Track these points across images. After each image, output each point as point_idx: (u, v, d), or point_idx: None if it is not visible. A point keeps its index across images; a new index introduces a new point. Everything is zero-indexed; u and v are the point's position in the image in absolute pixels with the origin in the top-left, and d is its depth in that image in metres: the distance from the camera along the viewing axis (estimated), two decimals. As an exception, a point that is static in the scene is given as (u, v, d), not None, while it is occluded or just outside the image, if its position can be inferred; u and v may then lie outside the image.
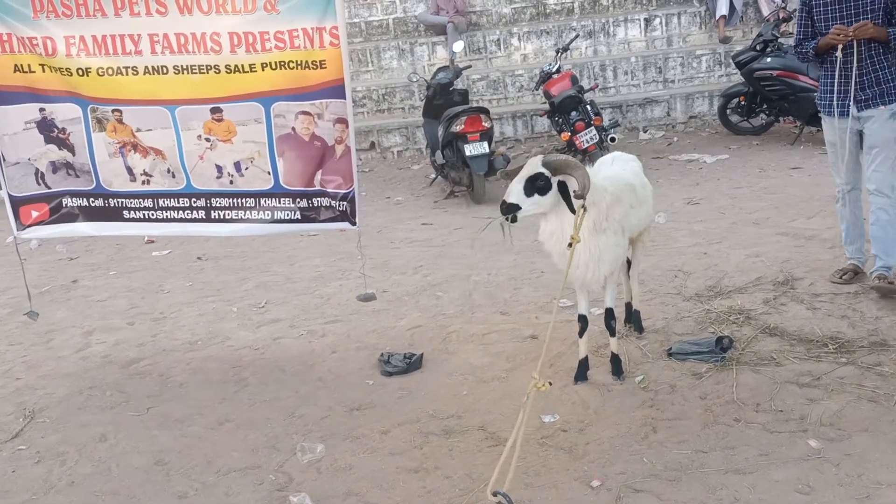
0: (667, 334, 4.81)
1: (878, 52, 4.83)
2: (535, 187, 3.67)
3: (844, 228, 5.29)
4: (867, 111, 4.89)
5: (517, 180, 3.70)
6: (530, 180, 3.67)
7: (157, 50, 4.44)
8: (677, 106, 11.28)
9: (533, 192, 3.68)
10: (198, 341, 5.50)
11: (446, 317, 5.47)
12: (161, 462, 3.94)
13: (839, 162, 5.06)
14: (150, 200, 4.78)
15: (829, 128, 5.10)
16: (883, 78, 4.85)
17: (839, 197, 5.22)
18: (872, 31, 4.71)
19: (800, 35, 5.11)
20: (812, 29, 5.02)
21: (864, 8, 4.78)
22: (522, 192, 3.68)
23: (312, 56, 4.40)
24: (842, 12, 4.84)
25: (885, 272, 5.01)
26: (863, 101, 4.89)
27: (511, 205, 3.69)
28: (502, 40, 12.46)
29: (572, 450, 3.68)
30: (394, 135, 11.49)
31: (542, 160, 3.68)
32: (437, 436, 3.91)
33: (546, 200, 3.72)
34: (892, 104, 4.85)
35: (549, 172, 3.65)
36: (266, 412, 4.34)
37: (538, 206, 3.73)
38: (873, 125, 4.89)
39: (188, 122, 4.59)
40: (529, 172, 3.68)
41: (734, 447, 3.57)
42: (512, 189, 3.70)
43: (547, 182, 3.66)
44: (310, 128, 4.57)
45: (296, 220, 4.76)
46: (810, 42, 5.01)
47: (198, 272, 7.20)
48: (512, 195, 3.69)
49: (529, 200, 3.68)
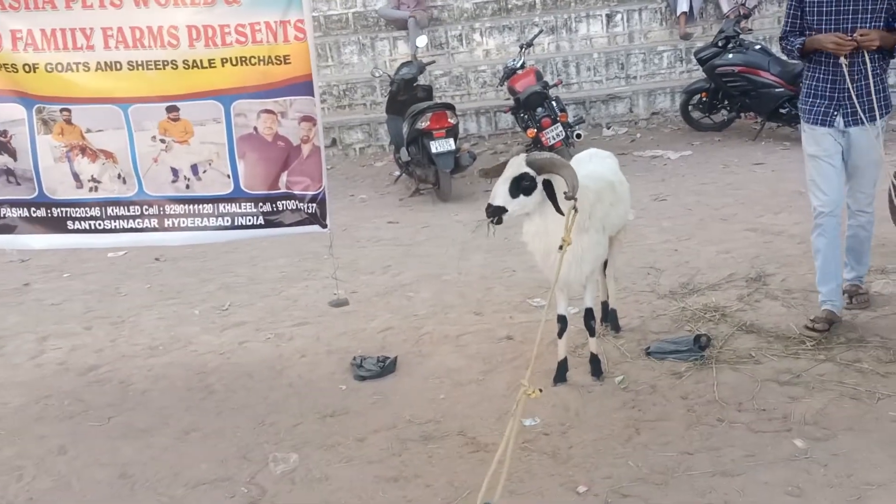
0: (644, 333, 4.74)
1: (874, 60, 4.22)
2: (521, 188, 3.56)
3: (819, 265, 4.56)
4: (855, 127, 4.30)
5: (501, 182, 3.58)
6: (515, 181, 3.55)
7: (110, 44, 4.20)
8: (640, 102, 11.28)
9: (518, 193, 3.56)
10: (159, 346, 5.29)
11: (418, 318, 5.34)
12: (125, 475, 3.75)
13: (820, 179, 4.43)
14: (98, 209, 4.48)
15: (813, 140, 4.45)
16: (875, 89, 4.24)
17: (817, 223, 4.51)
18: (878, 42, 4.09)
19: (787, 27, 4.46)
20: (801, 22, 4.37)
21: (864, 6, 4.12)
22: (508, 193, 3.56)
23: (276, 51, 4.22)
24: (838, 9, 4.17)
25: (858, 282, 4.76)
26: (850, 116, 4.28)
27: (497, 207, 3.57)
28: (464, 35, 12.34)
29: (556, 454, 3.58)
30: (356, 131, 11.30)
31: (526, 159, 3.57)
32: (415, 442, 3.79)
33: (531, 201, 3.61)
34: (880, 119, 4.31)
35: (534, 172, 3.54)
36: (235, 420, 4.17)
37: (524, 207, 3.62)
38: (859, 140, 4.31)
39: (142, 122, 4.33)
40: (514, 173, 3.56)
41: (719, 448, 3.51)
42: (497, 191, 3.58)
43: (532, 182, 3.55)
44: (273, 127, 4.38)
45: (258, 225, 4.53)
46: (797, 38, 4.38)
47: (156, 274, 6.96)
48: (497, 197, 3.57)
49: (515, 202, 3.57)
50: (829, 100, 4.34)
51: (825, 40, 4.19)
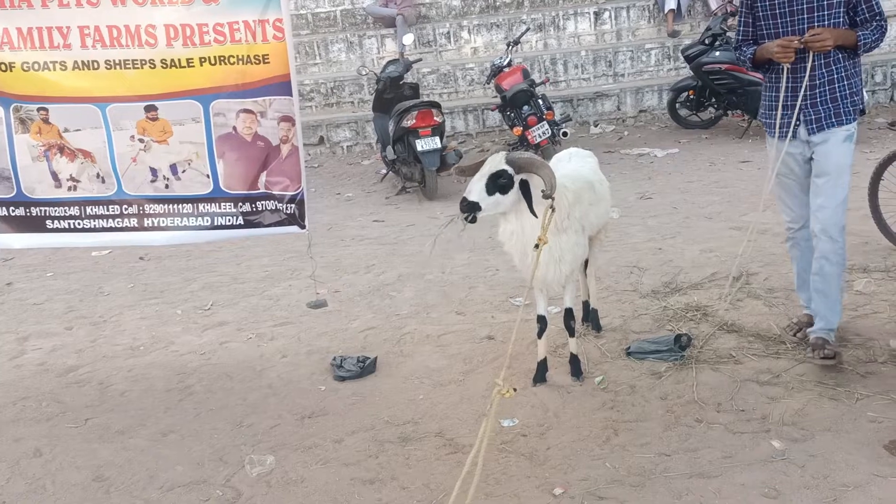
0: (625, 332, 4.73)
1: (838, 61, 3.87)
2: (497, 186, 3.52)
3: (796, 271, 4.40)
4: (819, 134, 3.93)
5: (478, 178, 3.55)
6: (492, 178, 3.52)
7: (87, 43, 4.17)
8: (627, 100, 11.28)
9: (495, 191, 3.53)
10: (140, 346, 5.26)
11: (400, 317, 5.32)
12: (100, 478, 3.71)
13: (785, 194, 4.20)
14: (77, 208, 4.46)
15: (773, 152, 4.08)
16: (840, 94, 3.89)
17: (788, 237, 4.34)
18: (832, 41, 3.75)
19: (739, 35, 4.14)
20: (753, 29, 4.06)
21: (819, 3, 3.79)
22: (484, 190, 3.52)
23: (255, 50, 4.19)
24: (791, 9, 3.85)
25: (825, 335, 4.07)
26: (814, 123, 3.92)
27: (471, 203, 3.52)
28: (452, 33, 12.32)
29: (533, 456, 3.56)
30: (343, 129, 11.27)
31: (505, 157, 3.53)
32: (393, 444, 3.77)
33: (507, 199, 3.58)
34: (847, 124, 3.91)
35: (512, 170, 3.52)
36: (212, 422, 4.14)
37: (499, 206, 3.59)
38: (825, 148, 3.93)
39: (120, 122, 4.31)
40: (492, 170, 3.53)
41: (697, 449, 3.49)
42: (472, 187, 3.54)
43: (510, 180, 3.52)
44: (252, 127, 4.35)
45: (238, 225, 4.51)
46: (750, 47, 4.06)
47: (140, 273, 6.92)
48: (473, 193, 3.53)
49: (491, 199, 3.53)
50: (790, 108, 3.96)
51: (771, 47, 3.88)
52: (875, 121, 10.22)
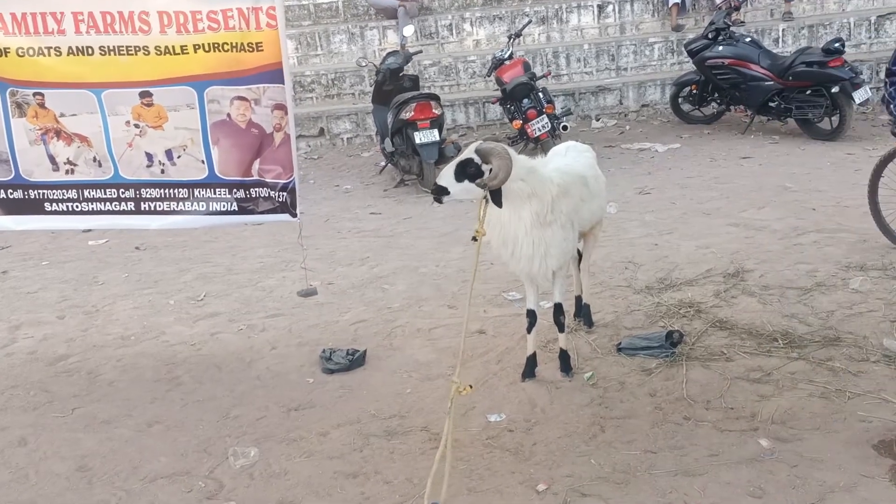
0: (616, 328, 4.69)
1: None
2: (466, 173, 3.51)
3: None
4: None
5: (450, 164, 3.56)
6: (461, 165, 3.51)
7: (81, 29, 4.16)
8: (629, 94, 11.20)
9: (463, 178, 3.51)
10: (131, 336, 5.24)
11: (392, 310, 5.29)
12: (84, 468, 3.70)
13: None
14: (75, 191, 4.49)
15: None
16: None
17: None
18: None
19: None
20: None
21: None
22: (453, 176, 3.52)
23: (248, 38, 4.17)
24: None
25: None
26: None
27: (439, 187, 3.55)
28: (454, 25, 12.25)
29: (518, 451, 3.53)
30: (343, 121, 11.22)
31: (476, 147, 3.52)
32: (378, 437, 3.74)
33: (476, 188, 3.56)
34: None
35: (479, 159, 3.50)
36: (199, 413, 4.12)
37: (468, 192, 3.56)
38: None
39: (115, 107, 4.32)
40: (462, 157, 3.54)
41: (684, 447, 3.46)
42: (444, 172, 3.56)
43: (478, 169, 3.49)
44: (246, 114, 4.34)
45: (233, 211, 4.52)
46: None
47: (135, 263, 6.90)
48: (443, 178, 3.55)
49: (459, 185, 3.51)
50: None
51: None
52: (879, 118, 10.13)
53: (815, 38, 11.31)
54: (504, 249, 3.78)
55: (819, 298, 4.84)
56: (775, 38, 11.46)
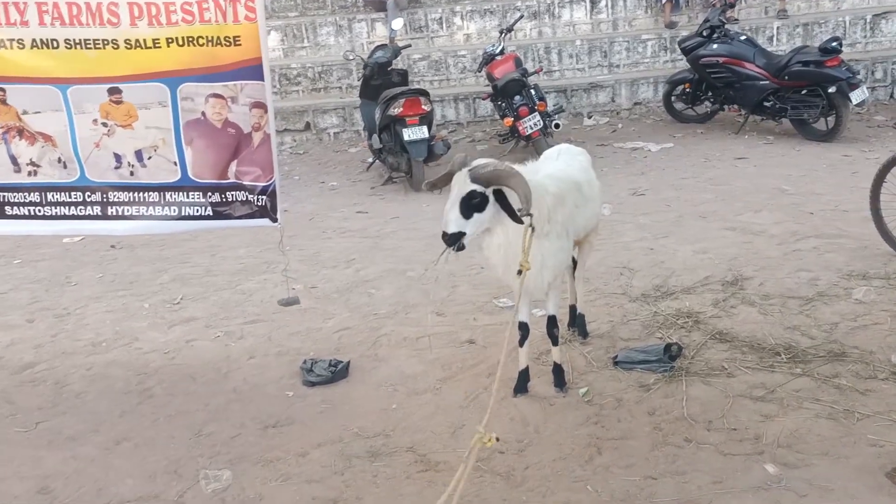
0: (612, 339, 4.48)
1: None
2: (472, 206, 3.26)
3: None
4: None
5: (450, 205, 3.27)
6: (464, 201, 3.25)
7: (45, 21, 3.90)
8: (622, 92, 11.00)
9: (471, 213, 3.26)
10: (102, 342, 4.99)
11: (378, 317, 5.06)
12: (45, 490, 3.46)
13: None
14: (38, 194, 4.23)
15: None
16: None
17: None
18: None
19: None
20: None
21: None
22: (461, 217, 3.26)
23: (225, 31, 3.94)
24: None
25: None
26: None
27: (453, 235, 3.28)
28: (445, 19, 12.00)
29: (510, 476, 3.32)
30: (330, 115, 10.96)
31: (469, 176, 3.25)
32: (360, 459, 3.51)
33: (486, 216, 3.32)
34: None
35: (481, 187, 3.25)
36: (170, 429, 3.88)
37: (481, 225, 3.33)
38: None
39: (82, 105, 4.07)
40: (461, 193, 3.26)
41: (686, 473, 3.25)
42: (448, 217, 3.28)
43: (483, 198, 3.26)
44: (222, 113, 4.10)
45: (206, 216, 4.27)
46: None
47: (110, 262, 6.64)
48: (451, 224, 3.27)
49: (471, 222, 3.27)
50: None
51: None
52: (875, 118, 9.98)
53: (810, 36, 11.14)
54: (509, 271, 3.51)
55: (821, 309, 4.65)
56: (770, 36, 11.27)
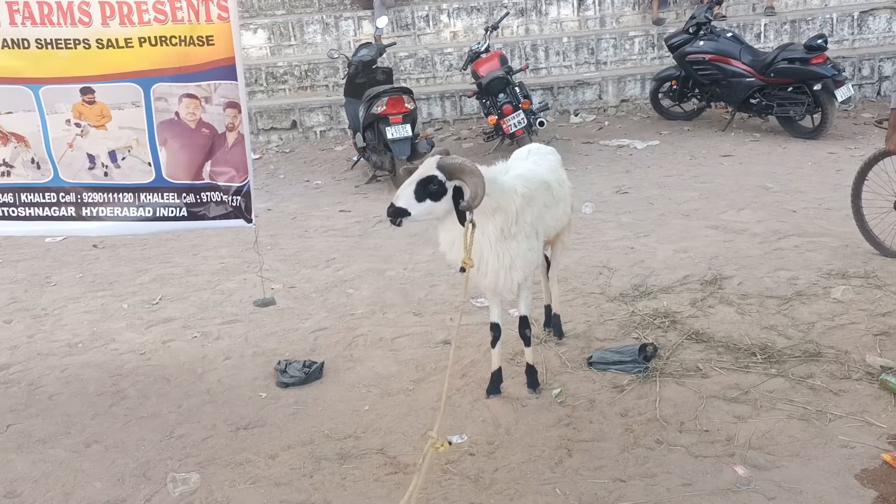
0: (588, 339, 4.47)
1: None
2: (428, 192, 3.24)
3: None
4: None
5: (408, 182, 3.26)
6: (422, 184, 3.23)
7: (15, 20, 3.86)
8: (609, 89, 10.98)
9: (425, 197, 3.24)
10: (79, 343, 4.96)
11: (355, 317, 5.04)
12: (11, 493, 3.43)
13: None
14: (11, 195, 4.19)
15: None
16: None
17: None
18: None
19: None
20: None
21: None
22: (413, 196, 3.24)
23: (198, 31, 3.91)
24: None
25: None
26: None
27: (398, 209, 3.25)
28: (431, 16, 11.97)
29: (478, 478, 3.30)
30: (316, 113, 10.92)
31: (437, 162, 3.24)
32: (330, 461, 3.49)
33: (440, 207, 3.29)
34: None
35: (443, 176, 3.23)
36: (141, 431, 3.86)
37: (430, 213, 3.30)
38: None
39: (54, 105, 4.03)
40: (422, 175, 3.25)
41: (655, 475, 3.24)
42: (402, 192, 3.26)
43: (441, 187, 3.23)
44: (196, 113, 4.07)
45: (181, 217, 4.24)
46: None
47: (91, 262, 6.61)
48: (401, 199, 3.25)
49: (421, 206, 3.25)
50: None
51: None
52: (861, 115, 9.98)
53: (798, 33, 11.13)
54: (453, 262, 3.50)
55: (799, 309, 4.64)
56: (757, 33, 11.27)
